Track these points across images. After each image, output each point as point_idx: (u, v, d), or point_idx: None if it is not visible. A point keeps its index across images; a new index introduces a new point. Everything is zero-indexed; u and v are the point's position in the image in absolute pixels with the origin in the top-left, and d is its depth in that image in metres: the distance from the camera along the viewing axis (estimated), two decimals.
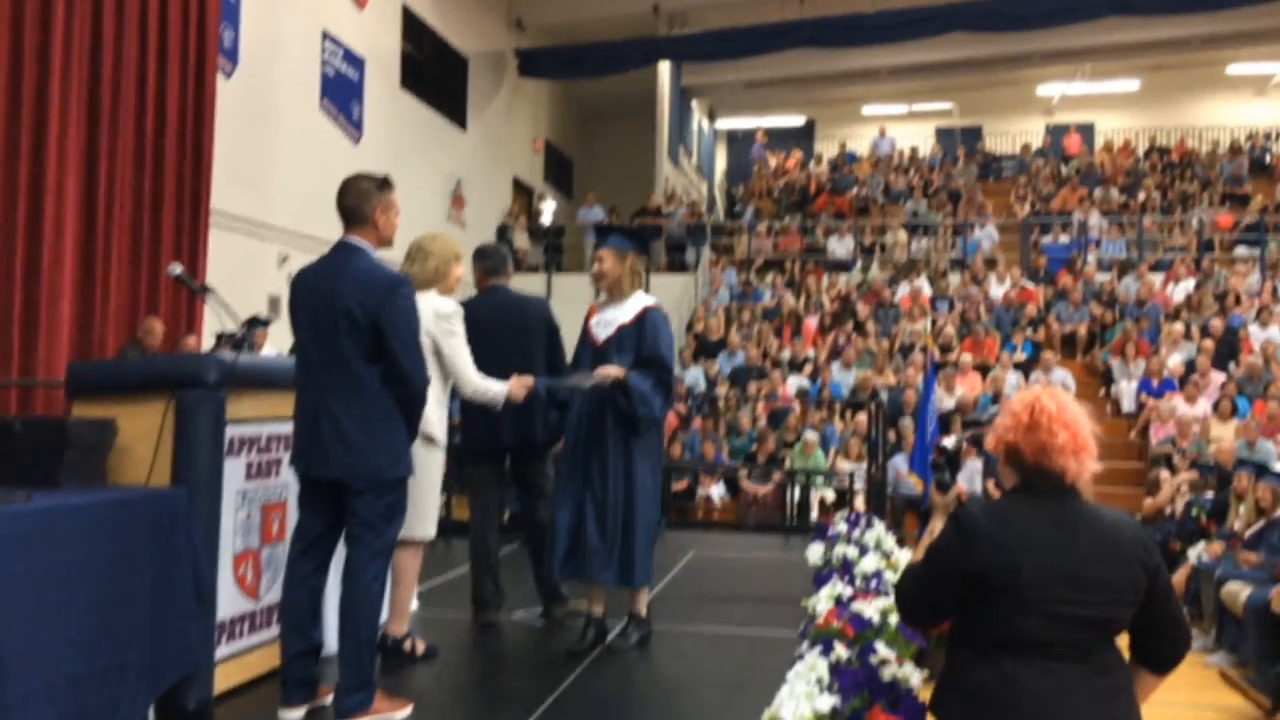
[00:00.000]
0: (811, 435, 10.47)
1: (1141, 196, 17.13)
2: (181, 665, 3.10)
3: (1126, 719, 2.12)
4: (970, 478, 8.98)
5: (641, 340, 4.16)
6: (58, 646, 2.62)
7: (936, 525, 2.38)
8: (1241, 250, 15.00)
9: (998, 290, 14.20)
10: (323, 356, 3.16)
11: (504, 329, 4.46)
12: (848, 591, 4.27)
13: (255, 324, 7.55)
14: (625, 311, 4.23)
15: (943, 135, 22.71)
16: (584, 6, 16.83)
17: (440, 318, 3.87)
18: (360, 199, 3.26)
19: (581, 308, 4.73)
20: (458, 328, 3.91)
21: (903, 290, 14.45)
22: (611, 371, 4.03)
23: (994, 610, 2.09)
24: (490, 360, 4.07)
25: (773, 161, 21.58)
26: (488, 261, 4.70)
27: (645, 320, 4.19)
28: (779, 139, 23.02)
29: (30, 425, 3.10)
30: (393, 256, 3.37)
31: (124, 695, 2.85)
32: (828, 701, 2.85)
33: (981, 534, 2.09)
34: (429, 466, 3.87)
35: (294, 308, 3.27)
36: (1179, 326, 12.36)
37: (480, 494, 4.66)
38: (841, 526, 6.04)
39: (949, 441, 2.44)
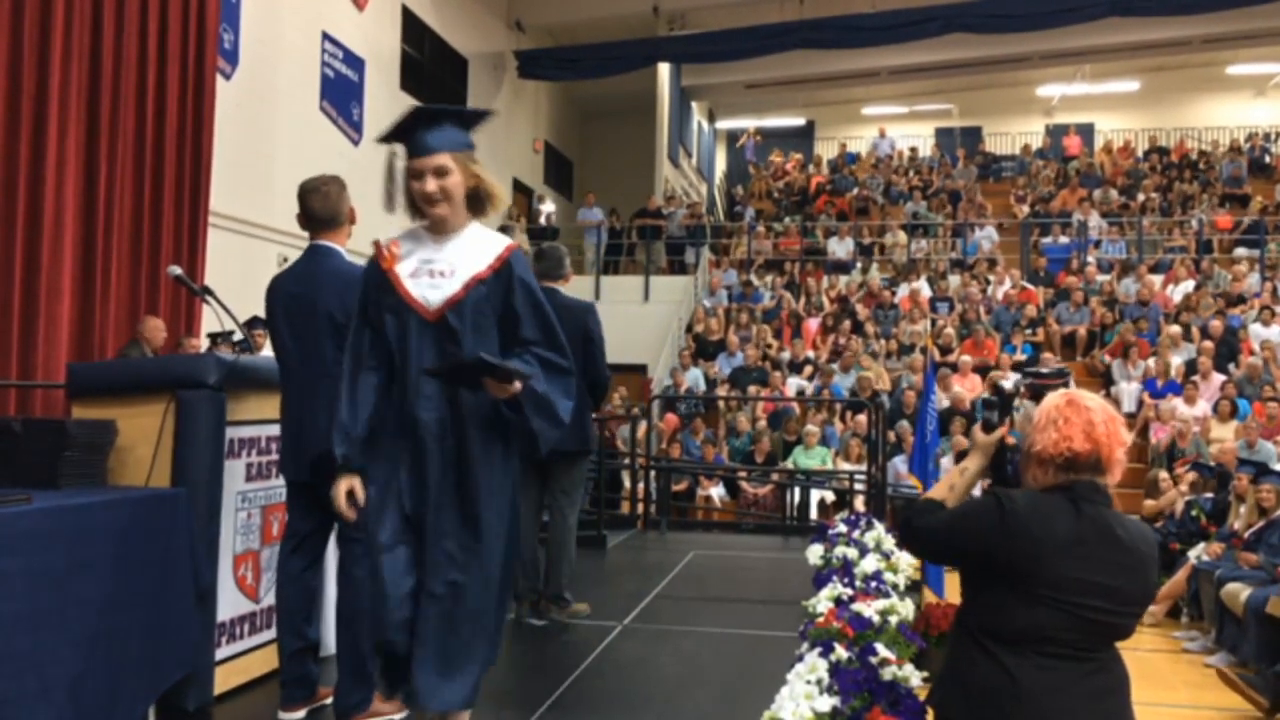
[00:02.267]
0: (814, 429, 10.54)
1: (1141, 197, 17.13)
2: (181, 665, 3.11)
3: (1121, 717, 2.13)
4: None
5: (512, 304, 2.63)
6: (57, 646, 2.62)
7: (971, 464, 2.32)
8: (1241, 251, 15.00)
9: (997, 291, 14.20)
10: (304, 361, 3.16)
11: None
12: (848, 592, 4.27)
13: (255, 324, 7.55)
14: (467, 255, 2.63)
15: (943, 136, 22.72)
16: (584, 7, 16.83)
17: None
18: (336, 204, 3.27)
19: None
20: None
21: (902, 291, 14.45)
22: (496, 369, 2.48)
23: (1010, 602, 2.10)
24: None
25: (776, 160, 21.57)
26: (541, 264, 4.71)
27: (513, 272, 2.64)
28: (779, 139, 23.03)
29: (30, 425, 3.10)
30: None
31: (124, 695, 2.86)
32: (828, 702, 2.84)
33: (1022, 524, 2.09)
34: None
35: (271, 314, 3.26)
36: (1176, 328, 12.37)
37: (521, 493, 4.74)
38: (841, 527, 6.04)
39: (1007, 382, 2.37)
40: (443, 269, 2.62)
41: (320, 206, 3.25)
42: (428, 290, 2.60)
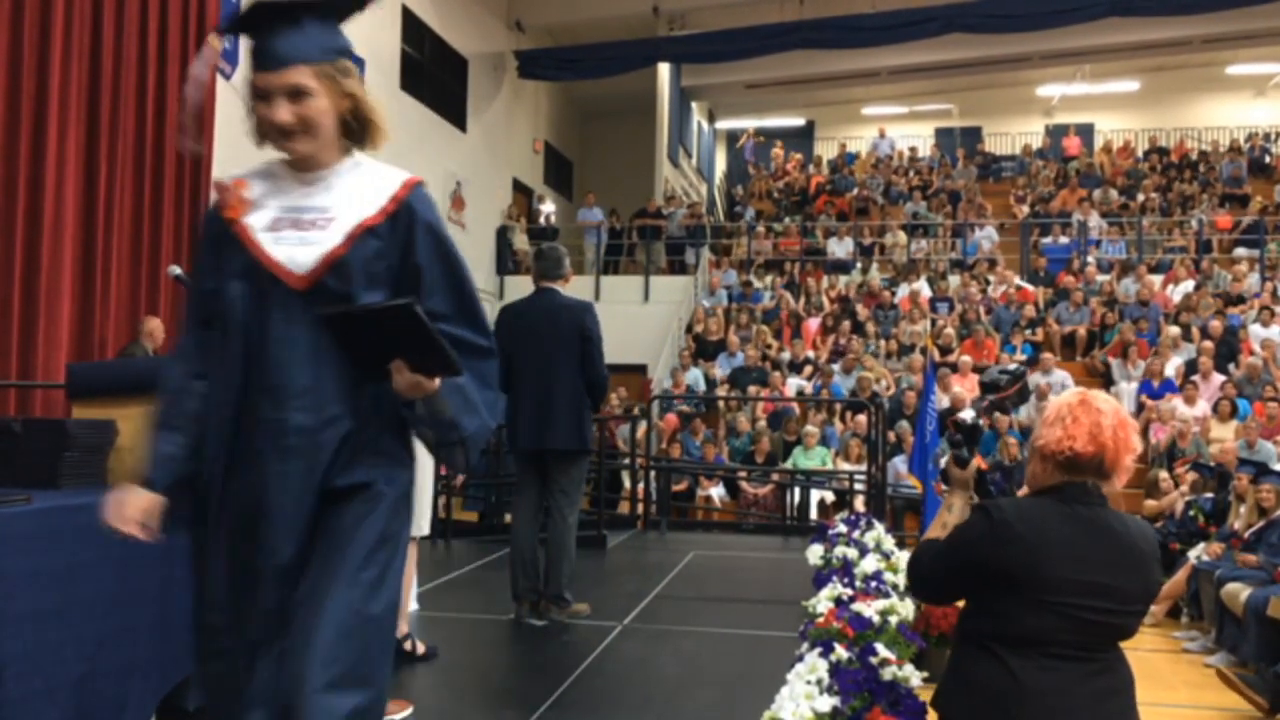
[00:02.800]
0: (814, 430, 10.54)
1: (1141, 198, 17.14)
2: (185, 666, 3.10)
3: (1125, 718, 2.13)
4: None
5: (412, 261, 1.87)
6: (60, 647, 2.62)
7: (955, 500, 2.34)
8: (1241, 251, 15.00)
9: (997, 291, 14.21)
10: None
11: (535, 335, 4.53)
12: (848, 592, 4.27)
13: None
14: (350, 197, 1.88)
15: (942, 136, 22.71)
16: (584, 7, 16.83)
17: None
18: None
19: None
20: None
21: (902, 291, 14.46)
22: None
23: (1009, 607, 2.10)
24: (519, 365, 4.09)
25: (776, 153, 21.55)
26: (540, 264, 4.79)
27: (414, 215, 1.88)
28: (779, 139, 23.03)
29: (30, 426, 3.10)
30: None
31: (129, 696, 2.85)
32: (828, 702, 2.84)
33: (1013, 531, 2.09)
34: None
35: None
36: (1175, 329, 12.36)
37: (521, 493, 4.83)
38: (841, 527, 6.04)
39: (966, 414, 2.39)
40: (313, 218, 1.85)
41: None
42: (295, 247, 1.83)
